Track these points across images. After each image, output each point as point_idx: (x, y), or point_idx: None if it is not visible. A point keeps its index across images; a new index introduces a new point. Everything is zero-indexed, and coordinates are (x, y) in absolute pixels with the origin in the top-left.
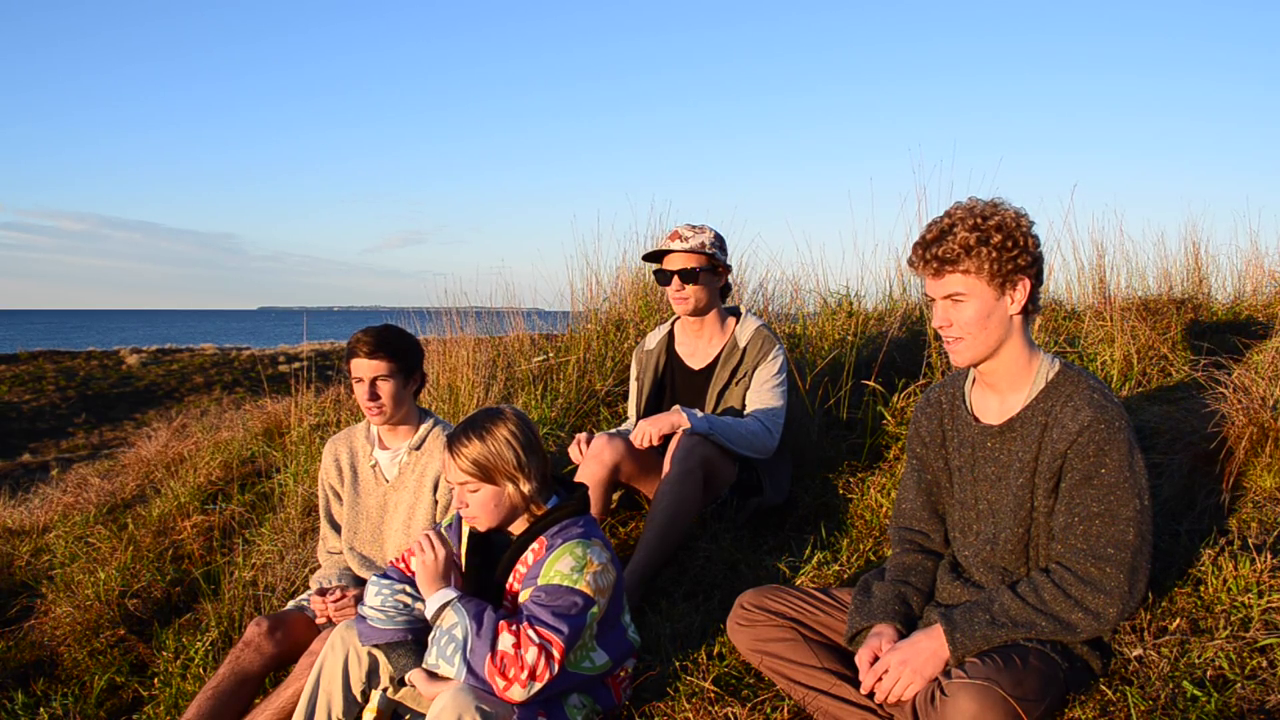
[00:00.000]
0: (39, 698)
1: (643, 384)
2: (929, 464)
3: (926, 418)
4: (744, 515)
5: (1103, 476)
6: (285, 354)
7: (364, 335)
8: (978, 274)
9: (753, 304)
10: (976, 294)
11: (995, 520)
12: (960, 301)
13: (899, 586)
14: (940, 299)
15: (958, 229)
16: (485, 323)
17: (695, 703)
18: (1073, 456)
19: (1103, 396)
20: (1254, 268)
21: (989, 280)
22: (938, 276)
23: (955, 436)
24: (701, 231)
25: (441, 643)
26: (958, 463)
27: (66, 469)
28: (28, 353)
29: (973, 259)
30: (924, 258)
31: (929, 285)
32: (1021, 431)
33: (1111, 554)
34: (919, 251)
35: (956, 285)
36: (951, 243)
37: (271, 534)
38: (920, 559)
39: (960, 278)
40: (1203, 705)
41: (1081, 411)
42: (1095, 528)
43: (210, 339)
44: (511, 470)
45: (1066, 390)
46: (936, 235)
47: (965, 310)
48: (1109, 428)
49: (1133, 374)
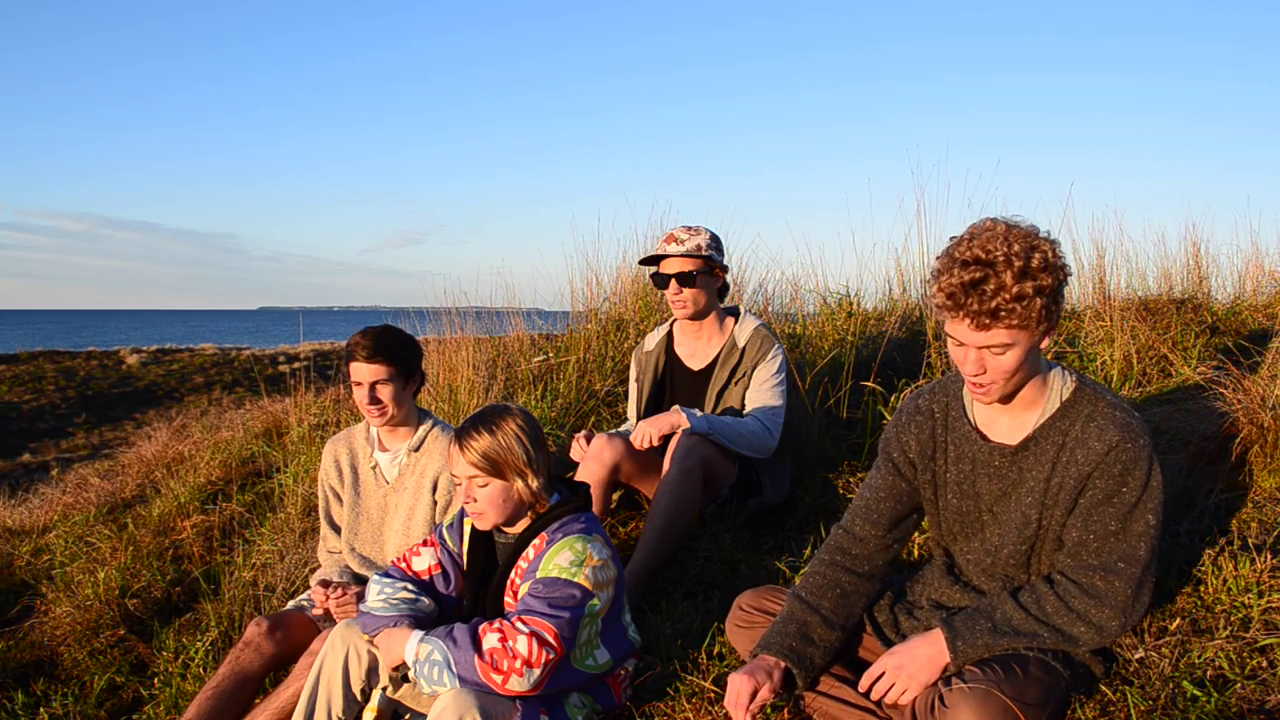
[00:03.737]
0: (39, 698)
1: (642, 385)
2: (908, 474)
3: (916, 427)
4: (744, 515)
5: (1124, 495)
6: (285, 354)
7: (362, 339)
8: (1022, 325)
9: (752, 304)
10: (1021, 342)
11: (999, 532)
12: (1002, 351)
13: (806, 615)
14: (976, 347)
15: (1003, 275)
16: (485, 323)
17: (695, 703)
18: (1097, 477)
19: (1126, 414)
20: (1254, 268)
21: (1034, 328)
22: (983, 330)
23: (951, 450)
24: (697, 233)
25: (426, 672)
26: (952, 477)
27: (66, 469)
28: (28, 353)
29: (1024, 313)
30: (966, 307)
31: (961, 333)
32: (1035, 450)
33: (1121, 568)
34: (959, 297)
35: (1002, 338)
36: (1002, 294)
37: (271, 534)
38: (842, 578)
39: (1007, 331)
40: (1203, 705)
41: (1107, 432)
42: (1110, 544)
43: (210, 339)
44: (521, 465)
45: (1086, 410)
46: (978, 278)
47: (1005, 358)
48: (1135, 446)
49: (1133, 374)
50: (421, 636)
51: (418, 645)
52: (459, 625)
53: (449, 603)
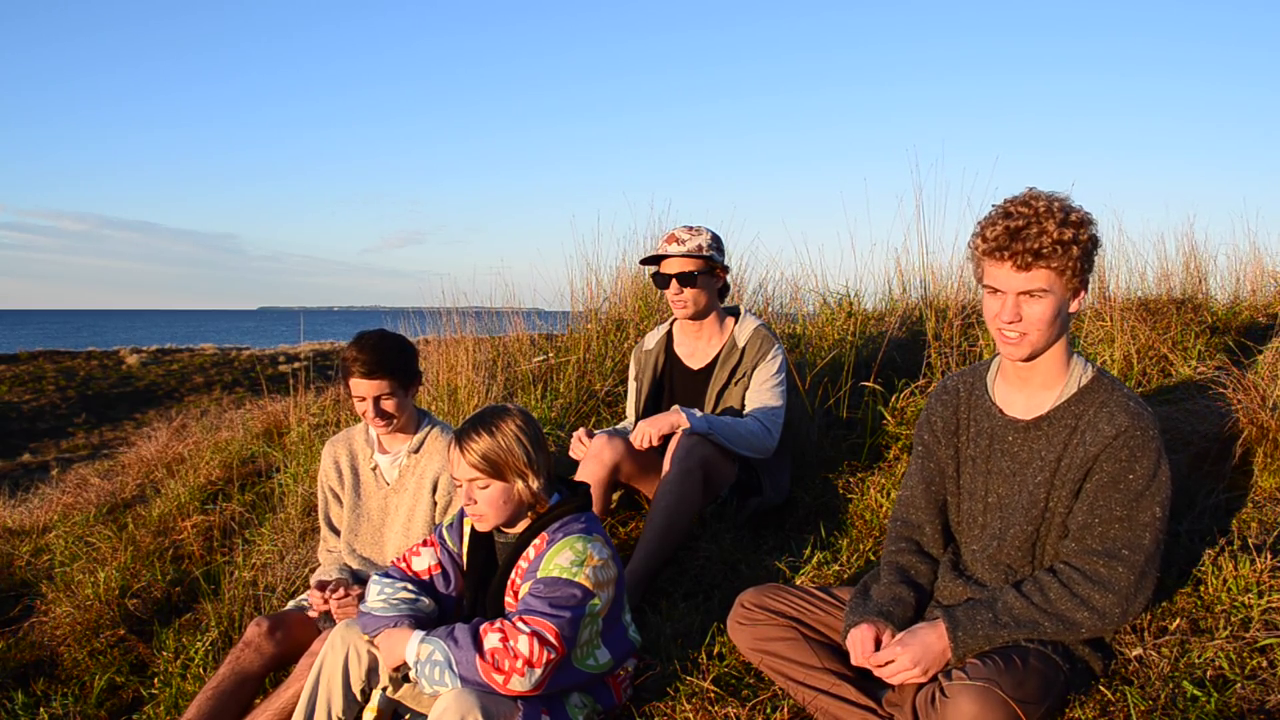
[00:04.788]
0: (39, 698)
1: (642, 384)
2: (936, 452)
3: (942, 405)
4: (744, 515)
5: (1130, 482)
6: (285, 354)
7: (359, 354)
8: (1060, 272)
9: (752, 304)
10: (1056, 291)
11: (1005, 516)
12: (1040, 298)
13: (895, 588)
14: (1015, 293)
15: (1046, 222)
16: (485, 323)
17: (695, 703)
18: (1104, 460)
19: (1138, 405)
20: (1253, 268)
21: (1069, 279)
22: (1024, 269)
23: (972, 426)
24: (698, 233)
25: (427, 672)
26: (971, 453)
27: (66, 469)
28: (28, 353)
29: (1063, 256)
30: (1011, 248)
31: (1002, 277)
32: (1048, 430)
33: (1125, 555)
34: (1003, 240)
35: (1041, 281)
36: (1045, 237)
37: (271, 534)
38: (914, 560)
39: (1047, 274)
40: (1203, 705)
41: (1118, 417)
42: (1114, 530)
43: (210, 339)
44: (521, 466)
45: (1100, 396)
46: (1023, 225)
47: (1041, 307)
48: (1143, 434)
49: (1133, 374)
50: (422, 637)
51: (418, 645)
52: (460, 625)
53: (449, 603)
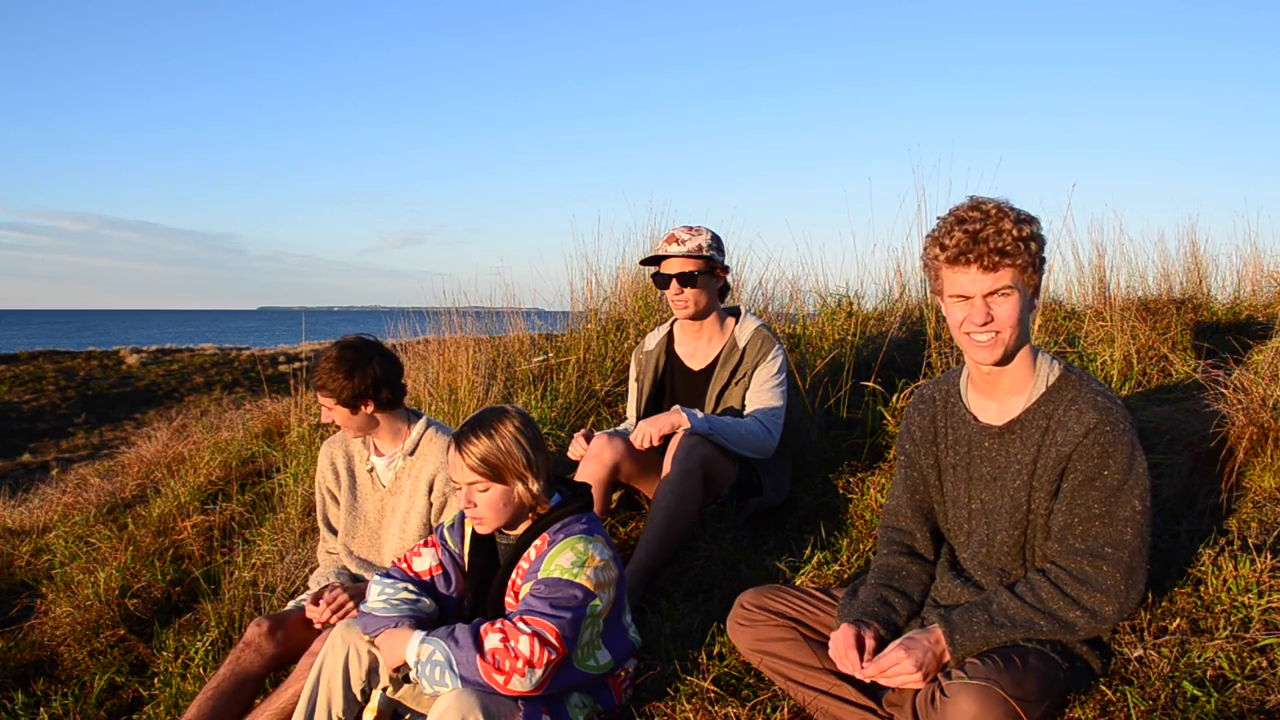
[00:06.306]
0: (39, 698)
1: (642, 385)
2: (918, 460)
3: (919, 414)
4: (744, 515)
5: (1105, 478)
6: (285, 354)
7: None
8: (1023, 269)
9: (752, 304)
10: (1020, 288)
11: (990, 521)
12: (1007, 295)
13: (881, 590)
14: (983, 295)
15: (1002, 222)
16: (485, 323)
17: (695, 703)
18: (1077, 459)
19: (1106, 399)
20: (1253, 268)
21: (1030, 275)
22: (990, 270)
23: (950, 434)
24: (698, 233)
25: (428, 672)
26: (950, 460)
27: (66, 469)
28: (28, 353)
29: (1024, 253)
30: (975, 250)
31: (968, 282)
32: (1021, 434)
33: (1109, 553)
34: (965, 244)
35: (1007, 279)
36: (1006, 235)
37: (271, 534)
38: (904, 561)
39: (1011, 271)
40: (1203, 705)
41: (1086, 414)
42: (1095, 528)
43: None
44: (520, 468)
45: (1069, 394)
46: (980, 228)
47: (1010, 304)
48: (1114, 430)
49: (1133, 374)
50: (423, 637)
51: (419, 646)
52: (460, 625)
53: (449, 603)
